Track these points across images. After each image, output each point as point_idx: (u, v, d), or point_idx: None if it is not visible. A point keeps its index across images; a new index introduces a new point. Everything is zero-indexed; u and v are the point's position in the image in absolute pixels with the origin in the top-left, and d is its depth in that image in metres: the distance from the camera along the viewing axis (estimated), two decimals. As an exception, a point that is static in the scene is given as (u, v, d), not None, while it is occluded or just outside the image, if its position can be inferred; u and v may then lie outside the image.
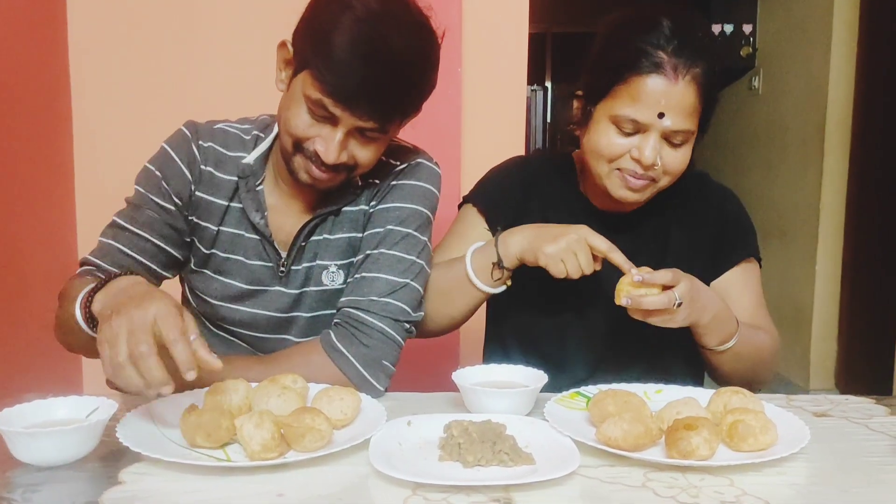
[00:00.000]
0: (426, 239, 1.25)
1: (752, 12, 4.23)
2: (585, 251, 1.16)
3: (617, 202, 1.29)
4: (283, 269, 1.25)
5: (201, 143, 1.23)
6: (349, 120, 1.08)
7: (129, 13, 2.17)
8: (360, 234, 1.26)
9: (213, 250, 1.25)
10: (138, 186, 1.22)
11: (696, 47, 1.15)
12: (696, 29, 1.18)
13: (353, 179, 1.22)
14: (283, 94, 1.15)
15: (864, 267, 3.59)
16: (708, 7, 4.39)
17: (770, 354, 1.30)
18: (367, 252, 1.22)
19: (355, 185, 1.24)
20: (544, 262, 1.18)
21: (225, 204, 1.24)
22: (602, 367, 1.32)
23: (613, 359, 1.32)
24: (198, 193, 1.23)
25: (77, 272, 1.20)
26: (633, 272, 1.12)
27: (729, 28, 4.19)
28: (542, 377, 1.12)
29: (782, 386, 3.74)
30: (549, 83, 6.46)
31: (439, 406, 1.13)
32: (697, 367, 1.35)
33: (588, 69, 1.24)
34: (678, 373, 1.28)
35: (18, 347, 1.87)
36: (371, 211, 1.25)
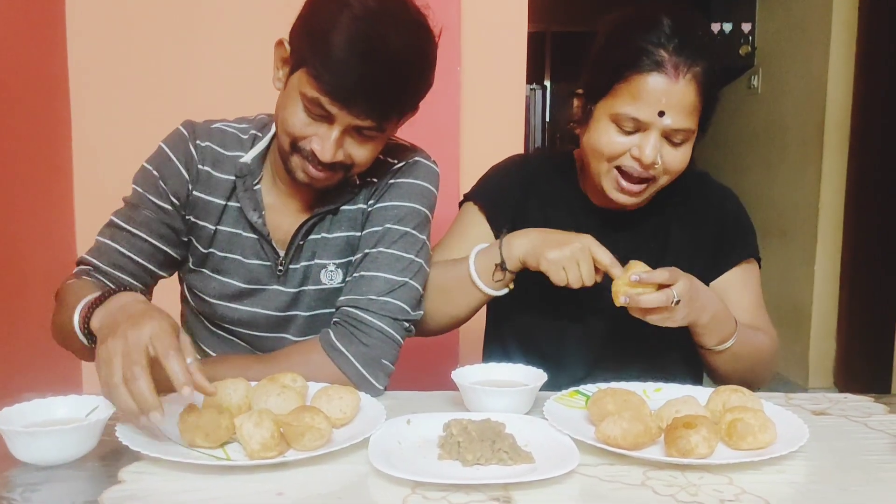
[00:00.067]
0: (425, 237, 1.25)
1: (751, 11, 4.22)
2: (588, 262, 1.16)
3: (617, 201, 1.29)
4: (281, 268, 1.25)
5: (199, 142, 1.23)
6: (345, 118, 1.08)
7: (127, 13, 2.17)
8: (358, 233, 1.26)
9: (210, 249, 1.25)
10: (136, 186, 1.22)
11: (696, 46, 1.15)
12: (696, 28, 1.18)
13: (350, 178, 1.23)
14: (280, 93, 1.15)
15: (863, 266, 3.60)
16: (707, 6, 4.39)
17: (769, 355, 1.31)
18: (366, 251, 1.22)
19: (353, 183, 1.24)
20: (545, 268, 1.18)
21: (223, 203, 1.24)
22: (600, 366, 1.32)
23: (612, 358, 1.32)
24: (195, 193, 1.23)
25: (74, 272, 1.20)
26: (630, 272, 1.12)
27: (728, 27, 4.18)
28: (541, 376, 1.12)
29: (781, 384, 3.75)
30: (548, 82, 6.46)
31: (438, 405, 1.13)
32: (696, 368, 1.35)
33: (588, 68, 1.24)
34: (677, 373, 1.28)
35: (18, 347, 1.86)
36: (369, 210, 1.25)
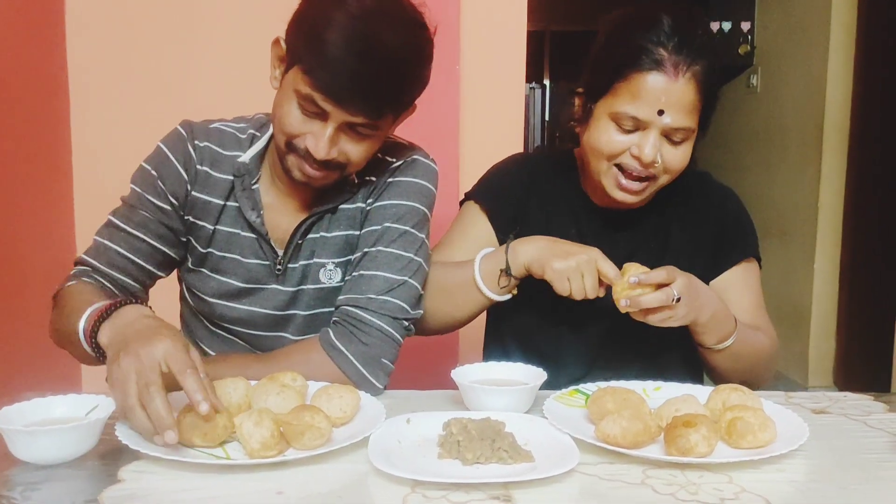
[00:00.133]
0: (424, 236, 1.25)
1: (750, 10, 4.22)
2: (593, 274, 1.16)
3: (618, 200, 1.29)
4: (279, 267, 1.25)
5: (197, 142, 1.22)
6: (339, 115, 1.08)
7: (126, 13, 2.17)
8: (357, 232, 1.26)
9: (209, 249, 1.25)
10: (134, 186, 1.22)
11: (696, 45, 1.15)
12: (696, 26, 1.18)
13: (349, 178, 1.22)
14: (277, 92, 1.15)
15: (863, 265, 3.60)
16: (706, 4, 4.39)
17: (768, 355, 1.31)
18: (365, 250, 1.22)
19: (352, 182, 1.24)
20: (550, 277, 1.18)
21: (221, 203, 1.23)
22: (599, 365, 1.32)
23: (611, 358, 1.32)
24: (194, 193, 1.22)
25: (72, 273, 1.20)
26: (627, 276, 1.12)
27: (727, 25, 4.18)
28: (541, 375, 1.12)
29: (781, 383, 3.75)
30: (547, 81, 6.45)
31: (438, 404, 1.13)
32: (696, 368, 1.34)
33: (588, 67, 1.24)
34: (676, 373, 1.28)
35: (18, 346, 1.86)
36: (368, 208, 1.25)
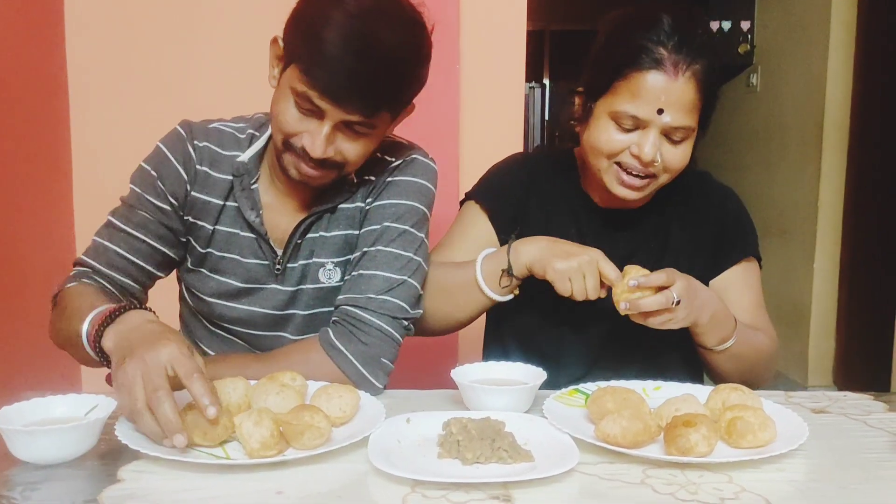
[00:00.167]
0: (423, 235, 1.25)
1: (749, 9, 4.22)
2: (595, 275, 1.16)
3: (618, 199, 1.29)
4: (278, 266, 1.25)
5: (196, 142, 1.22)
6: (335, 113, 1.08)
7: (126, 13, 2.17)
8: (356, 231, 1.26)
9: (208, 249, 1.25)
10: (134, 186, 1.21)
11: (696, 44, 1.15)
12: (696, 26, 1.18)
13: (347, 177, 1.22)
14: (275, 90, 1.15)
15: (862, 265, 3.60)
16: (706, 4, 4.38)
17: (768, 355, 1.30)
18: (364, 249, 1.22)
19: (351, 182, 1.24)
20: (552, 278, 1.18)
21: (221, 203, 1.23)
22: (599, 365, 1.32)
23: (611, 358, 1.32)
24: (193, 193, 1.22)
25: (72, 274, 1.20)
26: (627, 279, 1.12)
27: (727, 25, 4.18)
28: (540, 374, 1.12)
29: (781, 383, 3.75)
30: (547, 80, 6.46)
31: (438, 403, 1.13)
32: (696, 368, 1.34)
33: (589, 66, 1.24)
34: (676, 373, 1.28)
35: (17, 346, 1.86)
36: (367, 208, 1.25)
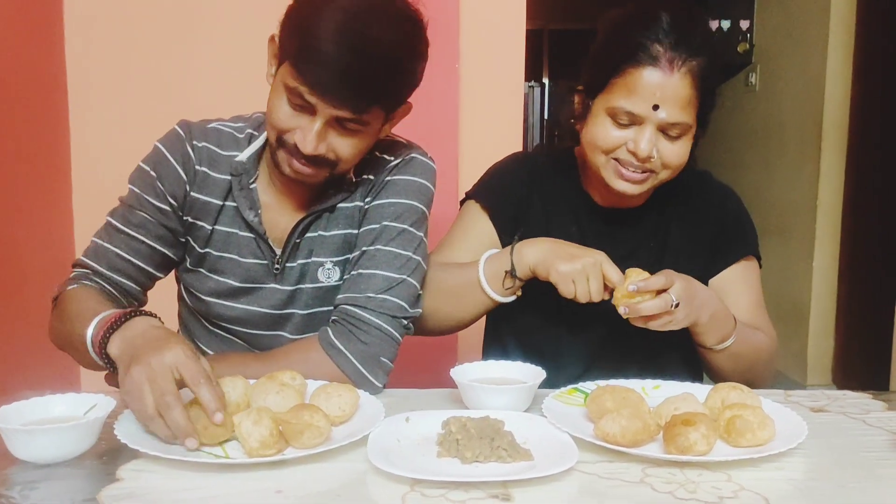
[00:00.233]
0: (422, 234, 1.25)
1: (749, 8, 4.22)
2: (598, 278, 1.16)
3: (618, 198, 1.29)
4: (277, 266, 1.24)
5: (195, 142, 1.22)
6: (326, 109, 1.08)
7: (125, 12, 2.16)
8: (355, 231, 1.26)
9: (207, 249, 1.25)
10: (133, 186, 1.21)
11: (693, 41, 1.15)
12: (693, 23, 1.18)
13: (346, 176, 1.22)
14: (271, 88, 1.15)
15: (862, 264, 3.60)
16: (706, 3, 4.39)
17: (768, 355, 1.31)
18: (363, 248, 1.22)
19: (349, 181, 1.24)
20: (555, 280, 1.17)
21: (220, 203, 1.23)
22: (599, 365, 1.32)
23: (611, 357, 1.31)
24: (193, 194, 1.22)
25: (72, 276, 1.20)
26: (626, 283, 1.13)
27: (726, 24, 4.18)
28: (540, 373, 1.12)
29: (780, 382, 3.75)
30: (546, 80, 6.46)
31: (437, 402, 1.13)
32: (695, 368, 1.35)
33: (588, 64, 1.25)
34: (675, 373, 1.28)
35: (16, 346, 1.86)
36: (366, 207, 1.25)
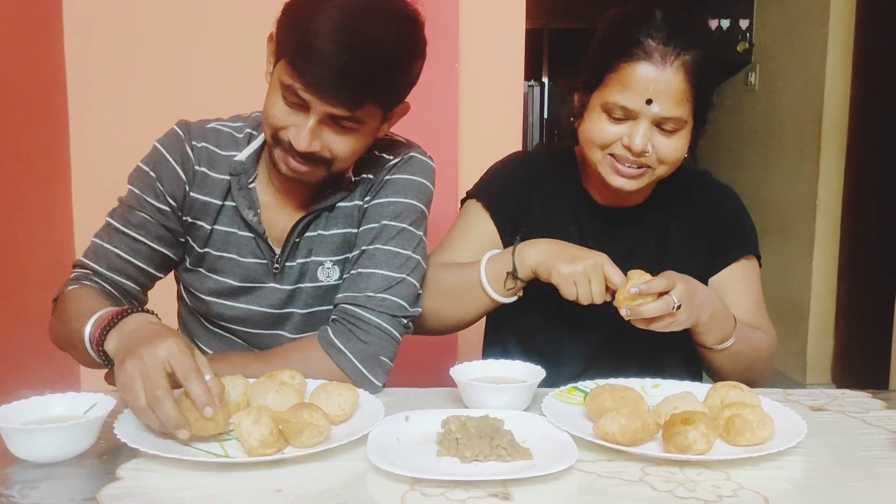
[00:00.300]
0: (421, 233, 1.25)
1: (748, 7, 4.22)
2: (600, 280, 1.16)
3: (618, 197, 1.29)
4: (277, 265, 1.25)
5: (194, 143, 1.22)
6: (319, 106, 1.08)
7: (124, 12, 2.16)
8: (355, 230, 1.26)
9: (206, 249, 1.25)
10: (132, 187, 1.21)
11: (686, 35, 1.15)
12: (688, 19, 1.19)
13: (345, 175, 1.22)
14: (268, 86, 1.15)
15: (861, 263, 3.60)
16: (705, 2, 4.39)
17: (768, 354, 1.31)
18: (363, 248, 1.22)
19: (348, 180, 1.24)
20: (557, 281, 1.17)
21: (219, 203, 1.23)
22: (598, 364, 1.32)
23: (611, 357, 1.31)
24: (192, 194, 1.22)
25: (72, 276, 1.20)
26: (628, 285, 1.13)
27: (725, 23, 4.18)
28: (539, 373, 1.12)
29: (779, 381, 3.75)
30: (546, 79, 6.46)
31: (437, 401, 1.13)
32: (695, 368, 1.35)
33: (586, 62, 1.25)
34: (675, 372, 1.28)
35: (16, 345, 1.86)
36: (365, 206, 1.25)
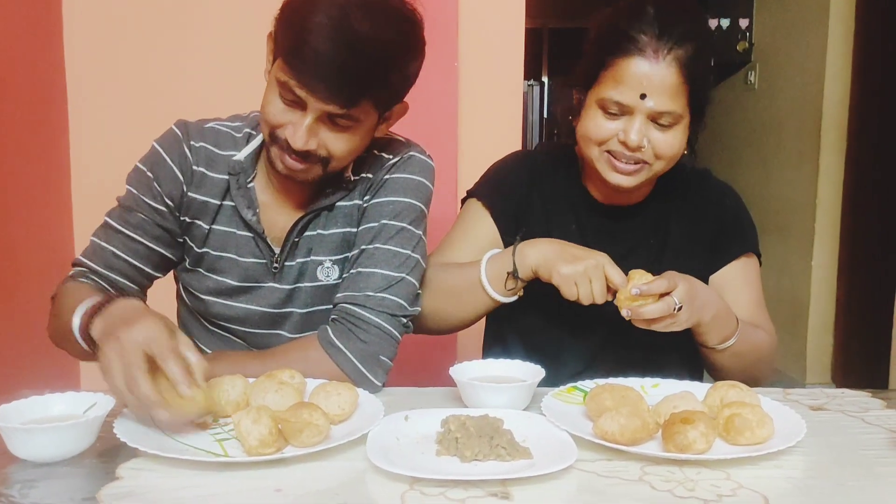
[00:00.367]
0: (421, 233, 1.25)
1: (748, 6, 4.22)
2: (601, 280, 1.15)
3: (618, 195, 1.29)
4: (276, 265, 1.25)
5: (193, 143, 1.22)
6: (315, 104, 1.08)
7: (124, 12, 2.16)
8: (354, 229, 1.26)
9: (205, 249, 1.25)
10: (130, 187, 1.22)
11: (678, 29, 1.15)
12: (681, 13, 1.19)
13: (344, 175, 1.22)
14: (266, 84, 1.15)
15: (861, 262, 3.60)
16: (705, 1, 4.39)
17: (769, 353, 1.31)
18: (362, 247, 1.22)
19: (348, 179, 1.24)
20: (557, 282, 1.17)
21: (218, 203, 1.23)
22: (598, 363, 1.32)
23: (611, 357, 1.31)
24: (190, 194, 1.22)
25: (70, 274, 1.20)
26: (629, 286, 1.13)
27: (725, 22, 4.18)
28: (539, 372, 1.12)
29: (779, 380, 3.75)
30: (545, 78, 6.46)
31: (437, 401, 1.13)
32: (695, 368, 1.35)
33: (581, 60, 1.25)
34: (675, 372, 1.28)
35: (16, 345, 1.86)
36: (365, 205, 1.25)
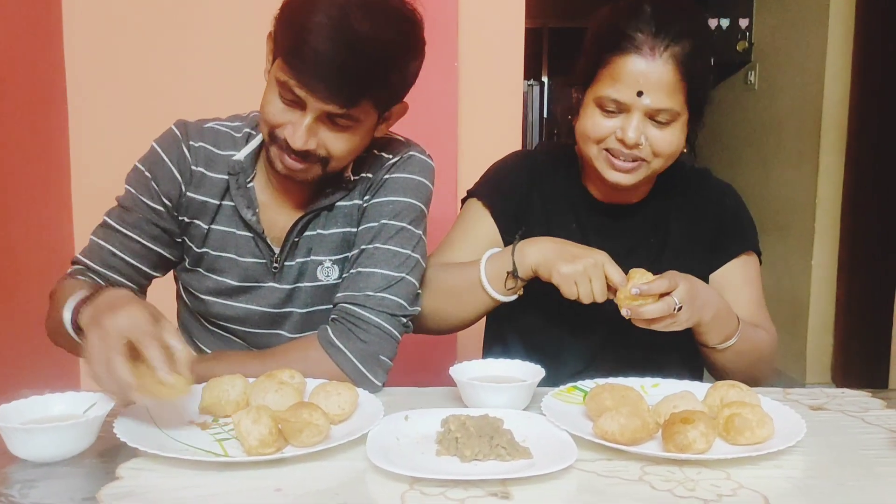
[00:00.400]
0: (420, 232, 1.25)
1: (748, 6, 4.22)
2: (601, 279, 1.16)
3: (617, 194, 1.29)
4: (276, 265, 1.25)
5: (192, 143, 1.22)
6: (314, 104, 1.07)
7: (124, 12, 2.16)
8: (354, 229, 1.26)
9: (204, 249, 1.25)
10: (128, 186, 1.22)
11: (675, 27, 1.16)
12: (678, 11, 1.19)
13: (344, 174, 1.22)
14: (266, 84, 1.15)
15: (861, 261, 3.60)
16: (705, 1, 4.39)
17: (769, 353, 1.31)
18: (362, 247, 1.22)
19: (348, 179, 1.24)
20: (557, 281, 1.17)
21: (217, 203, 1.23)
22: (598, 362, 1.32)
23: (612, 358, 1.31)
24: (189, 194, 1.22)
25: (68, 272, 1.20)
26: (629, 285, 1.13)
27: (725, 22, 4.18)
28: (539, 372, 1.12)
29: (779, 380, 3.75)
30: (545, 78, 6.46)
31: (437, 401, 1.13)
32: (695, 367, 1.35)
33: (580, 59, 1.25)
34: (675, 372, 1.28)
35: (16, 344, 1.86)
36: (365, 205, 1.25)
